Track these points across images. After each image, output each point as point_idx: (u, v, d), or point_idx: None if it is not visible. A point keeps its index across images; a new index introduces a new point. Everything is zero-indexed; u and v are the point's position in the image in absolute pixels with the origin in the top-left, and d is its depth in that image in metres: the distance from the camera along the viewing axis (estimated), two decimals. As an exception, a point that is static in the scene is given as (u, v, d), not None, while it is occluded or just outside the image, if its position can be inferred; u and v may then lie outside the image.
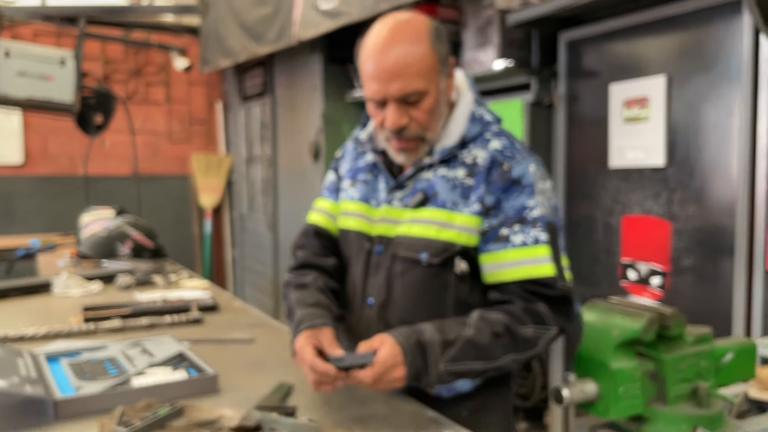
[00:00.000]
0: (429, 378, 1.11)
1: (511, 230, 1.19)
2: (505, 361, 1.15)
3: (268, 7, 3.73)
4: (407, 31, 1.17)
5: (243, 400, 1.17)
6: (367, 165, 1.36)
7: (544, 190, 1.23)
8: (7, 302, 2.07)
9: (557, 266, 1.20)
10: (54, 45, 4.77)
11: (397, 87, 1.16)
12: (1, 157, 4.85)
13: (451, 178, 1.24)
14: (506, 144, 1.25)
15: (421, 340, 1.11)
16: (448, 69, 1.22)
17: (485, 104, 1.32)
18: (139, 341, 1.48)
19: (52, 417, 1.14)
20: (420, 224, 1.23)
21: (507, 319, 1.16)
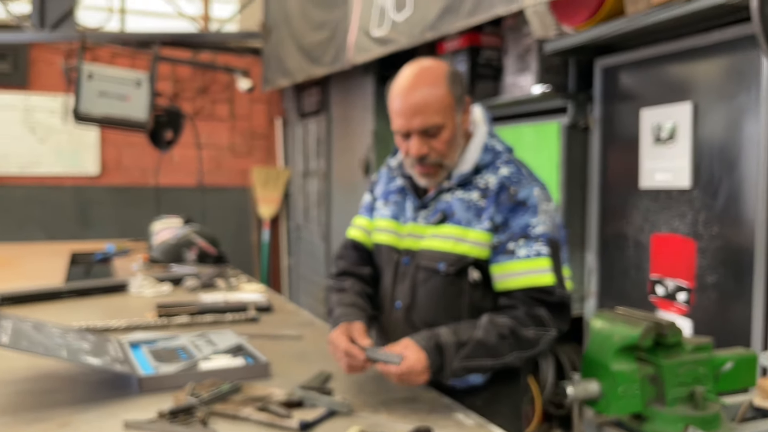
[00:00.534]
0: (445, 373, 1.32)
1: (517, 244, 1.40)
2: (510, 359, 1.36)
3: (325, 32, 4.01)
4: (428, 76, 1.41)
5: (289, 383, 1.38)
6: (397, 188, 1.58)
7: (547, 210, 1.43)
8: (90, 299, 2.37)
9: (557, 276, 1.40)
10: (129, 66, 5.21)
11: (418, 122, 1.39)
12: (80, 168, 5.31)
13: (467, 199, 1.45)
14: (513, 171, 1.46)
15: (438, 342, 1.32)
16: (463, 106, 1.45)
17: (498, 136, 1.55)
18: (205, 334, 1.73)
19: (136, 390, 1.39)
20: (439, 239, 1.44)
21: (512, 322, 1.36)
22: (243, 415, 1.23)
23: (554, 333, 1.39)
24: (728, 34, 2.10)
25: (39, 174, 5.21)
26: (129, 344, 1.66)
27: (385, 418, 1.22)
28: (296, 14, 4.50)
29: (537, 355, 1.41)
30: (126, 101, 3.81)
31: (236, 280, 2.60)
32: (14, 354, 1.56)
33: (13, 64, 5.05)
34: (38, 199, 5.18)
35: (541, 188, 1.45)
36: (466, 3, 2.55)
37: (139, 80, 3.85)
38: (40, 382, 1.43)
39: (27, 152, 5.15)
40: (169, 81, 5.42)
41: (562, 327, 1.41)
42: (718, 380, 1.55)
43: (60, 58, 5.09)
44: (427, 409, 1.28)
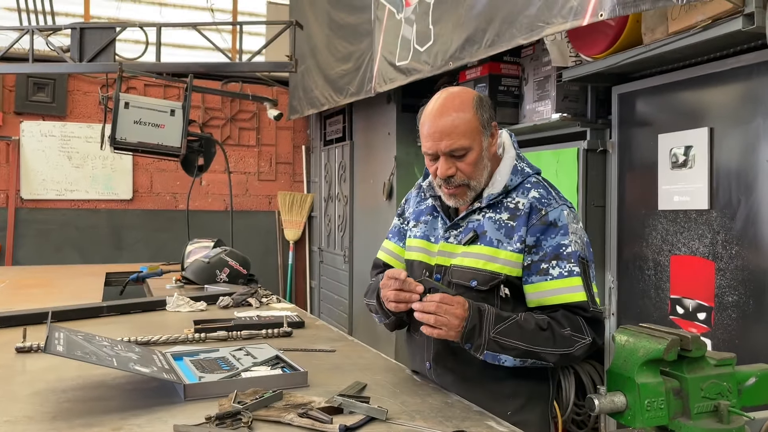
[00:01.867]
0: (480, 339, 1.41)
1: (550, 265, 1.47)
2: (543, 351, 1.43)
3: (350, 63, 4.16)
4: (456, 101, 1.51)
5: (327, 392, 1.46)
6: (427, 208, 1.68)
7: (576, 231, 1.51)
8: (129, 316, 2.47)
9: (588, 293, 1.47)
10: (161, 95, 5.43)
11: (446, 144, 1.49)
12: (114, 192, 5.50)
13: (497, 220, 1.53)
14: (543, 193, 1.54)
15: (480, 308, 1.43)
16: (490, 131, 1.54)
17: (526, 159, 1.64)
18: (244, 347, 1.81)
19: (182, 398, 1.47)
20: (471, 257, 1.53)
21: (550, 320, 1.45)
22: (286, 420, 1.30)
23: (589, 341, 1.46)
24: (744, 60, 2.18)
25: (74, 198, 5.39)
26: (172, 356, 1.74)
27: (422, 424, 1.28)
28: (322, 47, 4.67)
29: (570, 359, 1.47)
30: (160, 129, 3.94)
31: (267, 299, 2.69)
32: (64, 365, 1.67)
33: (51, 94, 5.28)
34: (74, 223, 5.36)
35: (569, 209, 1.53)
36: (487, 33, 2.66)
37: (173, 109, 3.99)
38: (89, 390, 1.51)
39: (63, 178, 5.35)
40: (200, 109, 5.62)
41: (597, 339, 1.47)
42: (742, 395, 1.59)
43: (96, 88, 5.32)
44: (460, 417, 1.34)
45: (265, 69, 5.07)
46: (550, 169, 2.94)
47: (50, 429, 1.26)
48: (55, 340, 1.46)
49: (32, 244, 5.25)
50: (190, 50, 5.59)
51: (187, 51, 5.60)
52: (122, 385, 1.55)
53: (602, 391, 1.56)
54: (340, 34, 4.36)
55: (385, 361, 1.81)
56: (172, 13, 5.70)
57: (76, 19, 5.31)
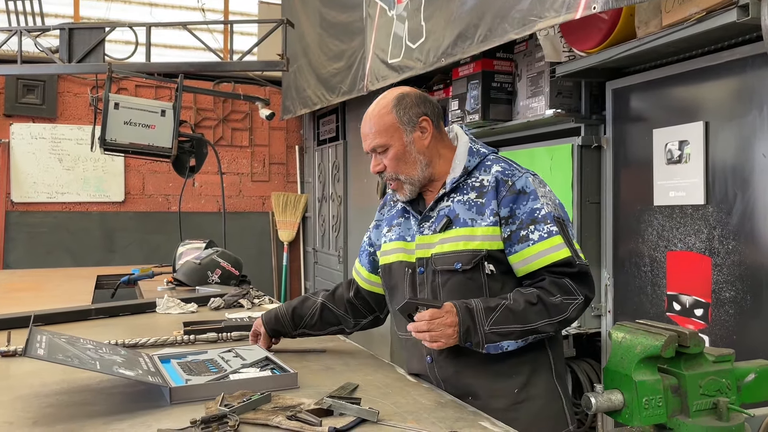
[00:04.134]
0: (477, 336, 1.43)
1: (528, 230, 1.50)
2: (539, 325, 1.46)
3: (341, 62, 4.13)
4: (379, 104, 1.62)
5: (318, 394, 1.42)
6: (398, 212, 1.73)
7: (545, 194, 1.55)
8: (118, 319, 2.43)
9: (571, 249, 1.50)
10: (152, 96, 5.38)
11: (368, 143, 1.62)
12: (106, 195, 5.45)
13: (466, 201, 1.57)
14: (505, 166, 1.58)
15: (469, 307, 1.45)
16: (415, 125, 1.59)
17: (480, 141, 1.68)
18: (233, 348, 1.77)
19: (167, 401, 1.43)
20: (450, 242, 1.55)
21: (539, 291, 1.47)
22: (274, 423, 1.27)
23: (582, 300, 1.48)
24: (738, 53, 2.15)
25: (66, 201, 5.34)
26: (159, 359, 1.70)
27: (414, 426, 1.25)
28: (314, 45, 4.64)
29: (567, 323, 1.50)
30: (151, 129, 3.89)
31: (259, 300, 2.65)
32: (48, 369, 1.63)
33: (41, 96, 5.23)
34: (65, 226, 5.31)
35: (533, 176, 1.57)
36: (479, 29, 2.63)
37: (163, 109, 3.95)
38: (73, 395, 1.48)
39: (54, 180, 5.30)
40: (192, 110, 5.58)
41: (589, 294, 1.50)
42: (741, 392, 1.56)
43: (86, 89, 5.28)
44: (453, 417, 1.31)
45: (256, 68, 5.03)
46: (544, 165, 2.91)
47: (30, 435, 1.23)
48: (36, 343, 1.42)
49: (23, 247, 5.20)
50: (181, 50, 5.55)
51: (178, 51, 5.56)
52: (107, 389, 1.51)
53: (599, 390, 1.52)
54: (332, 32, 4.33)
55: (378, 361, 1.78)
56: (162, 13, 5.66)
57: (65, 20, 5.26)
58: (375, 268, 1.79)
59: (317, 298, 1.86)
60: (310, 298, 1.87)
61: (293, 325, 1.83)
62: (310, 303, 1.85)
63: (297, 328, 1.83)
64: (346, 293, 1.84)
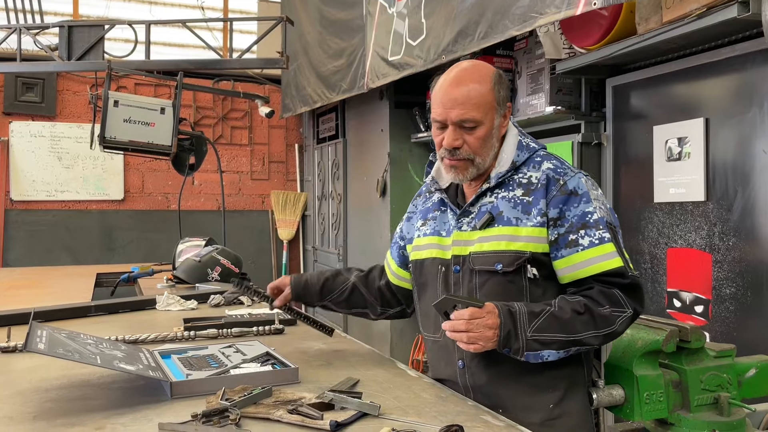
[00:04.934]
0: (518, 342, 1.34)
1: (578, 235, 1.39)
2: (585, 336, 1.36)
3: (342, 59, 4.13)
4: (475, 73, 1.45)
5: (319, 388, 1.42)
6: (434, 204, 1.61)
7: (597, 197, 1.45)
8: (118, 316, 2.43)
9: (623, 258, 1.40)
10: (152, 94, 5.38)
11: (456, 113, 1.42)
12: (105, 193, 5.44)
13: (511, 197, 1.45)
14: (557, 164, 1.48)
15: (511, 309, 1.35)
16: (503, 110, 1.47)
17: (529, 136, 1.57)
18: (233, 344, 1.77)
19: (168, 396, 1.42)
20: (491, 241, 1.44)
21: (587, 300, 1.37)
22: (275, 417, 1.26)
23: (630, 313, 1.38)
24: (739, 49, 2.15)
25: (65, 200, 5.34)
26: (159, 354, 1.70)
27: (415, 420, 1.24)
28: (314, 43, 4.64)
29: (614, 336, 1.41)
30: (150, 127, 3.88)
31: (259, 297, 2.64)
32: (48, 365, 1.62)
33: (41, 94, 5.23)
34: (65, 224, 5.31)
35: (585, 176, 1.47)
36: (479, 25, 2.63)
37: (163, 107, 3.93)
38: (73, 390, 1.47)
39: (54, 179, 5.29)
40: (191, 108, 5.57)
41: (638, 308, 1.40)
42: (742, 387, 1.56)
43: (86, 88, 5.27)
44: (455, 411, 1.31)
45: (256, 66, 5.02)
46: (545, 163, 2.91)
47: (30, 429, 1.22)
48: (37, 338, 1.42)
49: (22, 245, 5.19)
50: (181, 49, 5.54)
51: (178, 49, 5.55)
52: (107, 384, 1.51)
53: (600, 384, 1.53)
54: (332, 30, 4.33)
55: (379, 356, 1.77)
56: (162, 11, 5.65)
57: (64, 18, 5.26)
58: (404, 263, 1.70)
59: (350, 277, 1.77)
60: (343, 274, 1.78)
61: (320, 296, 1.75)
62: (341, 279, 1.76)
63: (323, 299, 1.76)
64: (378, 279, 1.75)
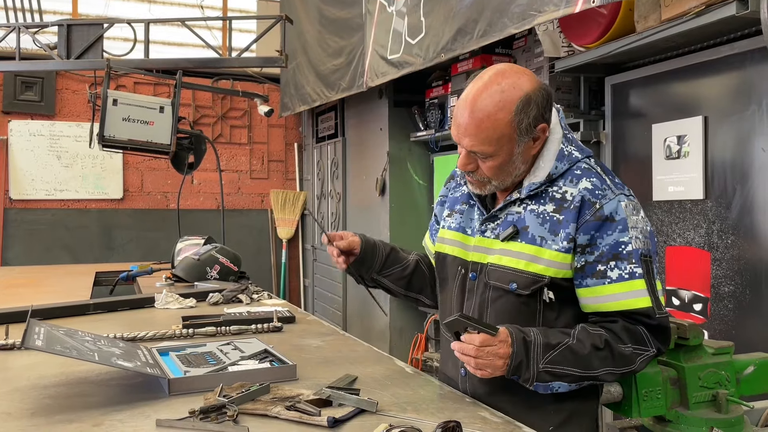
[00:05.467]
0: (528, 373, 1.25)
1: (608, 266, 1.28)
2: (601, 373, 1.28)
3: (341, 58, 4.13)
4: (495, 95, 1.27)
5: (317, 385, 1.42)
6: (463, 196, 1.52)
7: (636, 224, 1.30)
8: (116, 314, 2.43)
9: (653, 297, 1.29)
10: (151, 93, 5.37)
11: (467, 142, 1.31)
12: (104, 192, 5.44)
13: (540, 212, 1.34)
14: (597, 183, 1.32)
15: (526, 338, 1.26)
16: (532, 135, 1.31)
17: (575, 140, 1.41)
18: (232, 341, 1.77)
19: (166, 392, 1.42)
20: (510, 256, 1.35)
21: (608, 335, 1.28)
22: (273, 414, 1.26)
23: (653, 353, 1.31)
24: (738, 47, 2.15)
25: (64, 198, 5.34)
26: (157, 351, 1.70)
27: (413, 416, 1.24)
28: (313, 42, 4.64)
29: (631, 374, 1.34)
30: (149, 126, 3.88)
31: (258, 296, 2.65)
32: (46, 362, 1.62)
33: (40, 93, 5.23)
34: (64, 223, 5.30)
35: (628, 198, 1.32)
36: (478, 24, 2.63)
37: (162, 106, 3.93)
38: (71, 387, 1.47)
39: (53, 178, 5.29)
40: (191, 107, 5.57)
41: (662, 348, 1.33)
42: (740, 384, 1.56)
43: (85, 86, 5.27)
44: (453, 408, 1.31)
45: (255, 64, 5.02)
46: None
47: (28, 425, 1.22)
48: (35, 335, 1.41)
49: (22, 244, 5.19)
50: (180, 48, 5.54)
51: (177, 48, 5.55)
52: (105, 381, 1.51)
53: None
54: (331, 29, 4.33)
55: (377, 354, 1.77)
56: (161, 10, 5.65)
57: (63, 16, 5.25)
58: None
59: (410, 254, 1.65)
60: (402, 251, 1.64)
61: (384, 264, 1.60)
62: (403, 255, 1.63)
63: (381, 271, 1.61)
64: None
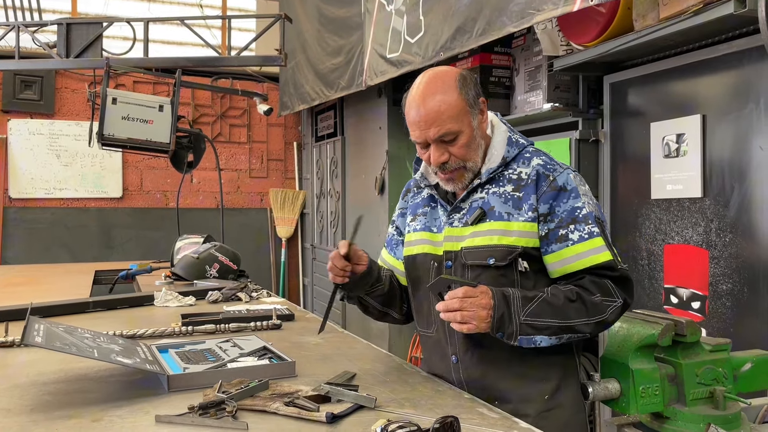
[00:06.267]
0: (512, 326, 1.35)
1: (568, 230, 1.42)
2: (577, 323, 1.38)
3: (340, 57, 4.13)
4: (437, 84, 1.45)
5: (315, 382, 1.42)
6: (423, 200, 1.62)
7: (586, 192, 1.47)
8: (116, 312, 2.43)
9: (612, 252, 1.43)
10: (150, 92, 5.38)
11: (433, 131, 1.43)
12: (104, 191, 5.44)
13: (501, 193, 1.48)
14: (546, 160, 1.49)
15: (505, 293, 1.37)
16: (477, 109, 1.48)
17: (518, 132, 1.58)
18: (231, 338, 1.78)
19: (165, 389, 1.43)
20: (482, 236, 1.46)
21: (578, 289, 1.40)
22: (271, 410, 1.27)
23: (621, 303, 1.42)
24: (736, 46, 2.16)
25: (64, 197, 5.34)
26: (157, 348, 1.70)
27: (411, 412, 1.25)
28: (312, 41, 4.64)
29: (605, 326, 1.43)
30: (149, 124, 3.88)
31: (257, 294, 2.65)
32: (45, 359, 1.63)
33: (39, 92, 5.23)
34: (63, 222, 5.31)
35: (574, 172, 1.49)
36: (477, 22, 2.64)
37: (161, 104, 3.94)
38: (70, 383, 1.48)
39: (52, 177, 5.29)
40: (190, 106, 5.57)
41: (628, 299, 1.43)
42: (738, 381, 1.57)
43: (84, 85, 5.27)
44: (451, 404, 1.31)
45: (254, 63, 5.03)
46: (543, 160, 2.91)
47: (27, 421, 1.23)
48: (34, 332, 1.42)
49: (21, 243, 5.19)
50: (179, 46, 5.54)
51: (176, 47, 5.55)
52: (105, 377, 1.52)
53: (596, 378, 1.53)
54: (330, 27, 4.33)
55: (376, 351, 1.78)
56: (160, 9, 5.65)
57: (63, 15, 5.25)
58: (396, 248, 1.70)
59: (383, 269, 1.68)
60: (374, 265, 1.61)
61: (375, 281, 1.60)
62: (377, 267, 1.63)
63: (373, 286, 1.61)
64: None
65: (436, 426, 1.08)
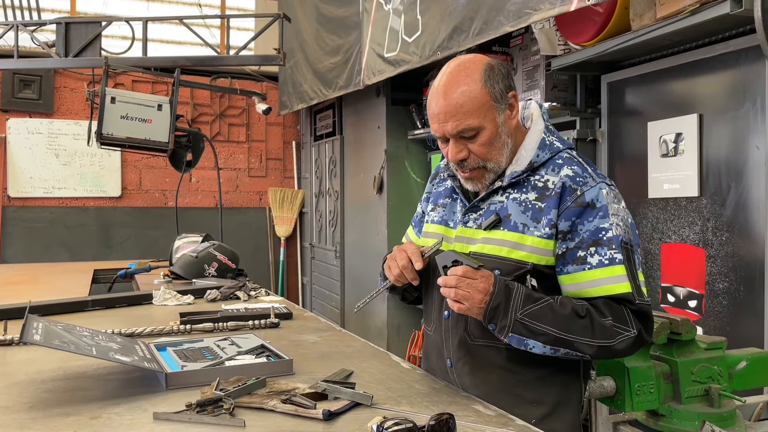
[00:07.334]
0: (505, 320, 1.26)
1: (588, 252, 1.29)
2: (577, 340, 1.26)
3: (338, 56, 4.14)
4: (461, 74, 1.32)
5: (313, 380, 1.43)
6: (446, 190, 1.53)
7: (617, 211, 1.32)
8: (114, 310, 2.44)
9: (633, 284, 1.29)
10: (149, 91, 5.38)
11: (452, 126, 1.32)
12: (103, 190, 5.45)
13: (522, 200, 1.35)
14: (578, 170, 1.34)
15: (509, 285, 1.28)
16: (506, 102, 1.34)
17: (557, 132, 1.44)
18: (229, 337, 1.78)
19: (163, 387, 1.44)
20: (493, 244, 1.36)
21: (591, 307, 1.28)
22: (269, 407, 1.27)
23: (634, 334, 1.28)
24: (732, 45, 2.17)
25: (63, 196, 5.34)
26: (155, 347, 1.71)
27: (407, 410, 1.26)
28: (311, 40, 4.65)
29: (610, 353, 1.30)
30: (147, 123, 3.89)
31: (255, 292, 2.66)
32: (44, 357, 1.64)
33: (38, 91, 5.23)
34: (62, 221, 5.31)
35: (609, 187, 1.34)
36: (474, 22, 2.64)
37: (160, 104, 3.94)
38: (69, 381, 1.48)
39: (51, 176, 5.30)
40: (189, 105, 5.58)
41: (644, 332, 1.30)
42: (733, 379, 1.58)
43: (83, 85, 5.27)
44: (447, 401, 1.32)
45: (253, 62, 5.03)
46: (540, 159, 2.92)
47: (26, 418, 1.23)
48: (33, 330, 1.43)
49: (20, 242, 5.19)
50: (178, 46, 5.55)
51: (175, 46, 5.56)
52: (103, 375, 1.52)
53: (592, 376, 1.54)
54: (329, 27, 4.34)
55: (373, 349, 1.78)
56: (159, 8, 5.65)
57: (62, 14, 5.25)
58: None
59: None
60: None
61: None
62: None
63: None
64: None
65: (432, 423, 1.08)
